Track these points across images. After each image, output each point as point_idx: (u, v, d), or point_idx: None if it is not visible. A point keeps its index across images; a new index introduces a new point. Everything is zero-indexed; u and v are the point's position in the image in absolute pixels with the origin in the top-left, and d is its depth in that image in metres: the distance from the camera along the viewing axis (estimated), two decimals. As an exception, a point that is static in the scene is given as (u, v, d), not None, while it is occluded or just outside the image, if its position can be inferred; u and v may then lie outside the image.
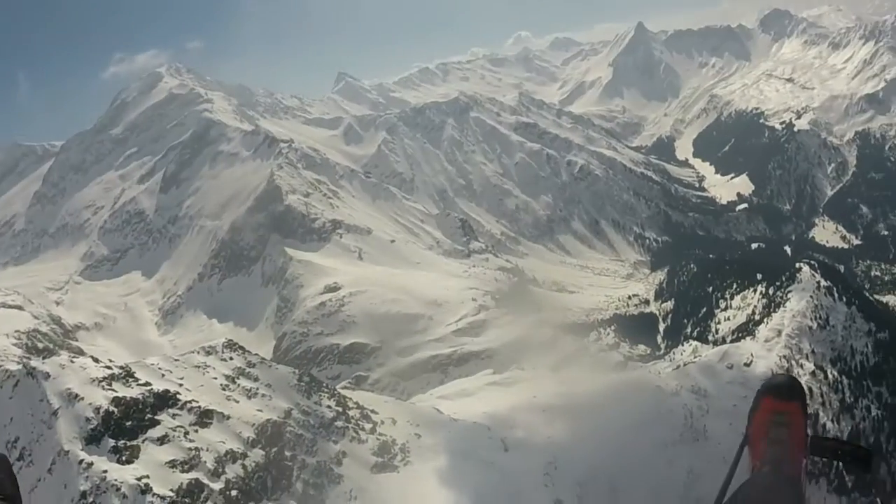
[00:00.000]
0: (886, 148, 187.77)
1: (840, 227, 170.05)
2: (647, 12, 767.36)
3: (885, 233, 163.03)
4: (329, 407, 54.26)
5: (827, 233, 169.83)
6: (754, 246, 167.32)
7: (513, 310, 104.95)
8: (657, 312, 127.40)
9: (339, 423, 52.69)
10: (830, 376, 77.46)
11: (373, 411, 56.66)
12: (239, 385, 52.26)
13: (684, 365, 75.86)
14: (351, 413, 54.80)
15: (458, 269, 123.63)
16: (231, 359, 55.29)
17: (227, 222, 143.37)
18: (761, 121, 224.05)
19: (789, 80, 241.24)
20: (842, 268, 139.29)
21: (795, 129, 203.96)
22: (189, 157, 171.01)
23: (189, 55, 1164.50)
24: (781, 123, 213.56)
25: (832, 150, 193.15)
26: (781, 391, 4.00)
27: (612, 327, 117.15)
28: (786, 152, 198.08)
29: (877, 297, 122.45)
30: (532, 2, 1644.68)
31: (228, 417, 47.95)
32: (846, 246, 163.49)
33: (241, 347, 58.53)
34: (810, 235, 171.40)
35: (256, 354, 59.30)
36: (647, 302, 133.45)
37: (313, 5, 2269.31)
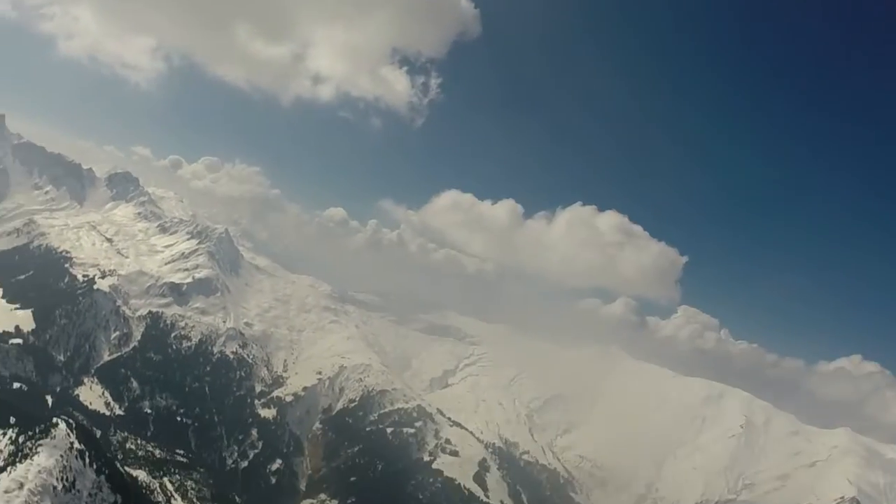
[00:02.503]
0: (172, 335, 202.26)
1: (107, 394, 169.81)
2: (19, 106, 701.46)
3: (149, 411, 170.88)
4: None
5: (93, 395, 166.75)
6: (16, 385, 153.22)
7: None
8: None
9: None
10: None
11: None
12: None
13: None
14: None
15: None
16: None
17: None
18: (66, 265, 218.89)
19: (109, 240, 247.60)
20: (99, 432, 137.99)
21: (96, 286, 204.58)
22: None
23: None
24: (84, 276, 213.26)
25: (122, 318, 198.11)
26: None
27: None
28: (78, 305, 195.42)
29: (128, 469, 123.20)
30: None
31: None
32: (108, 413, 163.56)
33: None
34: (76, 393, 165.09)
35: None
36: None
37: None
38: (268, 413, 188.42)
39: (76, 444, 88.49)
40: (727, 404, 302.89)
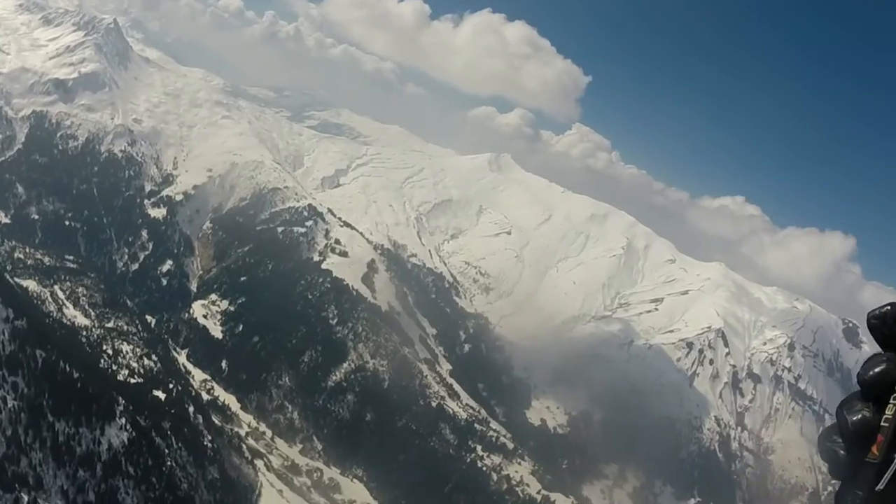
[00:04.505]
0: (58, 135, 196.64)
1: None
2: None
3: (36, 217, 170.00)
4: None
5: None
6: None
7: None
8: None
9: None
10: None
11: None
12: None
13: None
14: None
15: None
16: None
17: None
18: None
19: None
20: None
21: None
22: None
23: None
24: None
25: (5, 121, 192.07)
26: None
27: None
28: None
29: (17, 279, 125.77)
30: None
31: None
32: None
33: None
34: None
35: None
36: None
37: None
38: (157, 213, 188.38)
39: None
40: (611, 225, 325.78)
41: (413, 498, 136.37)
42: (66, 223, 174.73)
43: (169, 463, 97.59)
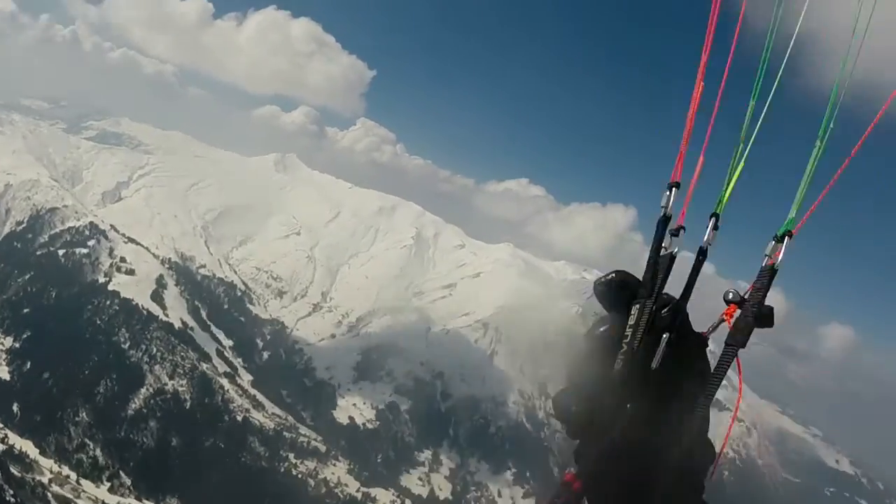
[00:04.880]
0: None
1: None
2: None
3: None
4: None
5: None
6: None
7: None
8: None
9: None
10: None
11: None
12: None
13: None
14: None
15: None
16: None
17: None
18: None
19: None
20: None
21: None
22: None
23: None
24: None
25: None
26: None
27: None
28: None
29: None
30: None
31: None
32: None
33: None
34: None
35: None
36: None
37: None
38: None
39: None
40: (399, 216, 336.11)
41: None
42: None
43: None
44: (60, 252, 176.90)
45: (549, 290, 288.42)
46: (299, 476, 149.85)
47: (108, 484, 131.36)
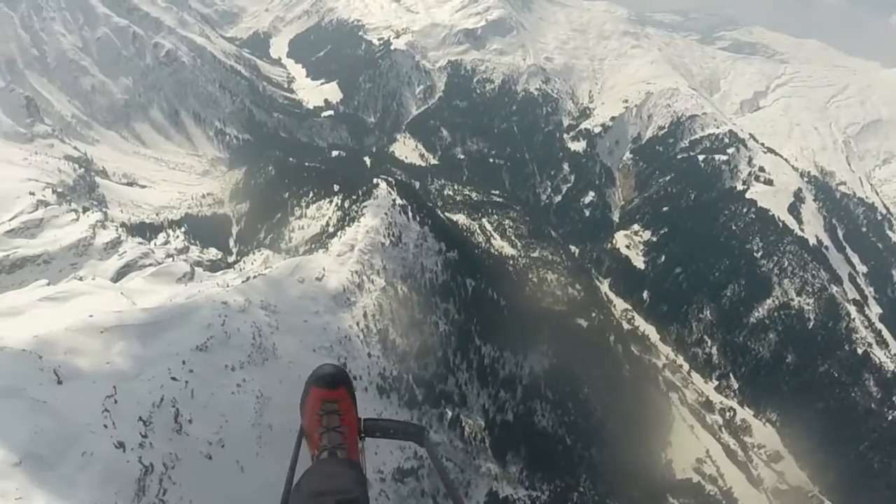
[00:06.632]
0: (474, 80, 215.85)
1: (420, 146, 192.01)
2: None
3: (461, 157, 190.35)
4: None
5: (407, 149, 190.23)
6: (335, 153, 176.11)
7: (78, 205, 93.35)
8: (231, 214, 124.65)
9: None
10: (401, 293, 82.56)
11: None
12: None
13: (254, 277, 71.83)
14: None
15: (16, 156, 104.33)
16: None
17: None
18: (360, 33, 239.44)
19: (396, 0, 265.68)
20: (417, 184, 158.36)
21: (392, 47, 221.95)
22: None
23: None
24: (380, 39, 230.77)
25: (423, 72, 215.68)
26: (326, 380, 4.48)
27: (183, 228, 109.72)
28: (379, 67, 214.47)
29: (448, 214, 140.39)
30: None
31: None
32: (424, 164, 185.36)
33: None
34: (391, 150, 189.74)
35: None
36: (221, 202, 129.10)
37: None
38: (577, 146, 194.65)
39: (398, 200, 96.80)
40: None
41: (824, 452, 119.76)
42: (490, 160, 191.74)
43: (585, 389, 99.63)
44: (700, 157, 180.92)
45: None
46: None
47: (716, 383, 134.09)
